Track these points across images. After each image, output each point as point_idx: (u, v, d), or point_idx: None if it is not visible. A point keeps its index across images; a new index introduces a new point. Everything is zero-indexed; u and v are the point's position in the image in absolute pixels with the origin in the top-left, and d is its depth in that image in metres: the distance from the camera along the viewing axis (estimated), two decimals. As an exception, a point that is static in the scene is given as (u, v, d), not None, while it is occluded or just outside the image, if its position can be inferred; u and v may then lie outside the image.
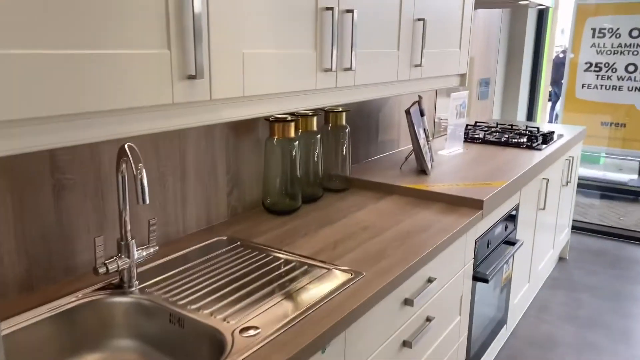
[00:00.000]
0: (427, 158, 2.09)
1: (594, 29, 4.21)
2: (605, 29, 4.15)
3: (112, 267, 1.09)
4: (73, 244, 1.17)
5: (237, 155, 1.59)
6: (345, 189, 1.92)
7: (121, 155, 1.06)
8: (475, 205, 1.73)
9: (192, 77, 0.97)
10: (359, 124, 2.18)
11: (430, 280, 1.45)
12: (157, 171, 1.34)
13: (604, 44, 4.15)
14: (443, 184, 1.91)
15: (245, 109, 1.13)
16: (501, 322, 2.27)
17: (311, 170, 1.76)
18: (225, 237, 1.43)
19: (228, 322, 1.01)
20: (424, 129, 2.22)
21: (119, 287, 1.13)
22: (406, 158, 2.27)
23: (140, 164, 1.00)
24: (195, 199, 1.46)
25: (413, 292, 1.37)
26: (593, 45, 4.20)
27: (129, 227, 1.11)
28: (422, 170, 2.10)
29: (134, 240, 1.13)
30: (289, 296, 1.11)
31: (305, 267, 1.26)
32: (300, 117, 1.72)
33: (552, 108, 7.39)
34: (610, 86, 4.20)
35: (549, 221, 2.81)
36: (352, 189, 1.93)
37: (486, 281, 1.79)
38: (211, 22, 1.00)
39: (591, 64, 4.21)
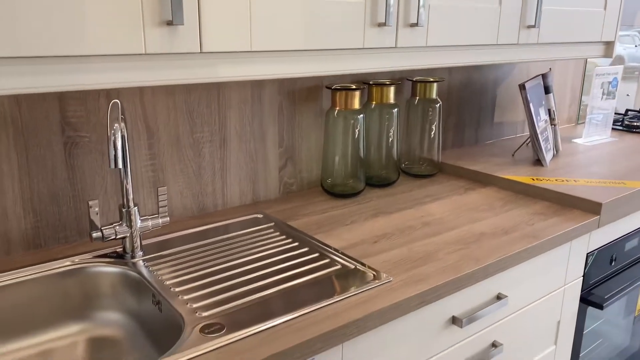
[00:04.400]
0: (546, 146, 1.69)
1: None
2: None
3: (108, 233, 1.01)
4: (87, 205, 1.12)
5: (293, 126, 1.42)
6: (431, 175, 1.63)
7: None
8: (590, 208, 1.33)
9: (170, 23, 0.83)
10: (467, 98, 1.84)
11: (499, 297, 1.14)
12: (190, 137, 1.24)
13: None
14: (557, 178, 1.52)
15: (254, 67, 0.96)
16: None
17: (385, 150, 1.52)
18: (261, 215, 1.29)
19: (199, 314, 0.86)
20: (549, 110, 1.80)
21: (121, 257, 1.06)
22: (524, 143, 1.88)
23: (116, 125, 0.89)
24: (238, 170, 1.34)
25: (467, 309, 1.07)
26: None
27: (131, 194, 1.03)
28: (539, 160, 1.71)
29: (137, 208, 1.04)
30: (287, 293, 0.93)
31: (327, 260, 1.05)
32: (373, 86, 1.48)
33: None
34: None
35: None
36: (440, 176, 1.64)
37: (600, 307, 1.38)
38: (199, -43, 0.83)
39: None
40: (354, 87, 1.38)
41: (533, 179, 1.50)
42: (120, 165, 0.89)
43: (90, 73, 0.79)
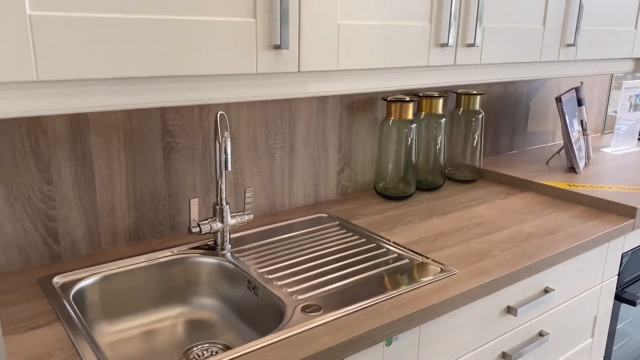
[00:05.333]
0: (579, 154, 1.81)
1: None
2: None
3: (205, 228, 1.15)
4: (179, 204, 1.27)
5: (350, 135, 1.55)
6: (472, 181, 1.76)
7: (216, 123, 1.10)
8: (625, 212, 1.45)
9: (277, 47, 0.97)
10: (503, 110, 1.97)
11: (547, 291, 1.26)
12: (265, 143, 1.38)
13: None
14: (592, 184, 1.64)
15: (338, 83, 1.09)
16: (661, 358, 1.89)
17: (432, 157, 1.65)
18: (325, 215, 1.42)
19: (295, 297, 1.00)
20: (581, 121, 1.92)
21: (212, 249, 1.19)
22: (557, 152, 2.01)
23: (226, 133, 1.03)
24: (303, 174, 1.47)
25: (520, 300, 1.20)
26: None
27: (224, 193, 1.16)
28: (572, 168, 1.84)
29: (228, 206, 1.18)
30: (366, 281, 1.06)
31: (395, 255, 1.18)
32: (423, 98, 1.61)
33: None
34: None
35: None
36: (481, 182, 1.77)
37: (633, 304, 1.50)
38: (302, -9, 0.97)
39: None
40: (407, 99, 1.51)
41: (569, 185, 1.63)
42: (229, 167, 1.03)
43: (210, 90, 0.93)
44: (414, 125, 1.52)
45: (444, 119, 1.63)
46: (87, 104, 0.81)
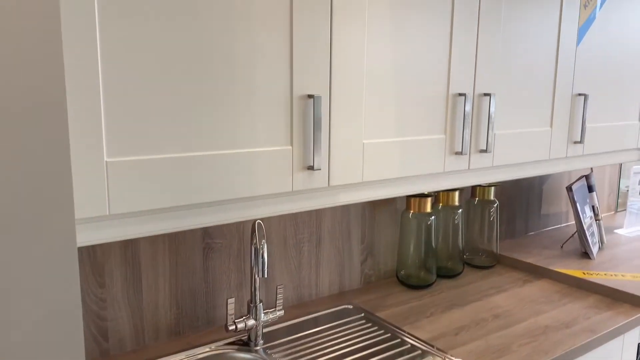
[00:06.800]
0: (592, 240, 1.88)
1: None
2: None
3: (240, 326, 1.24)
4: (215, 299, 1.36)
5: (372, 226, 1.66)
6: (490, 267, 1.83)
7: (253, 230, 1.22)
8: (639, 302, 1.51)
9: (310, 168, 1.09)
10: (517, 195, 2.07)
11: (566, 386, 1.31)
12: (294, 238, 1.48)
13: None
14: (606, 272, 1.70)
15: (363, 193, 1.21)
16: None
17: (450, 245, 1.74)
18: (351, 306, 1.50)
19: (327, 397, 1.07)
20: (593, 207, 2.01)
21: (246, 344, 1.28)
22: (571, 236, 2.08)
23: (263, 241, 1.14)
24: (329, 264, 1.57)
25: (540, 396, 1.25)
26: None
27: (258, 293, 1.26)
28: (586, 253, 1.90)
29: (261, 304, 1.27)
30: (392, 381, 1.13)
31: (419, 352, 1.25)
32: (440, 192, 1.72)
33: None
34: None
35: None
36: (498, 267, 1.84)
37: (654, 395, 1.52)
38: (332, 122, 1.11)
39: None
40: (426, 193, 1.62)
41: (584, 273, 1.69)
42: (266, 275, 1.13)
43: (254, 208, 1.05)
44: (433, 217, 1.62)
45: (460, 210, 1.73)
46: (145, 229, 0.93)
